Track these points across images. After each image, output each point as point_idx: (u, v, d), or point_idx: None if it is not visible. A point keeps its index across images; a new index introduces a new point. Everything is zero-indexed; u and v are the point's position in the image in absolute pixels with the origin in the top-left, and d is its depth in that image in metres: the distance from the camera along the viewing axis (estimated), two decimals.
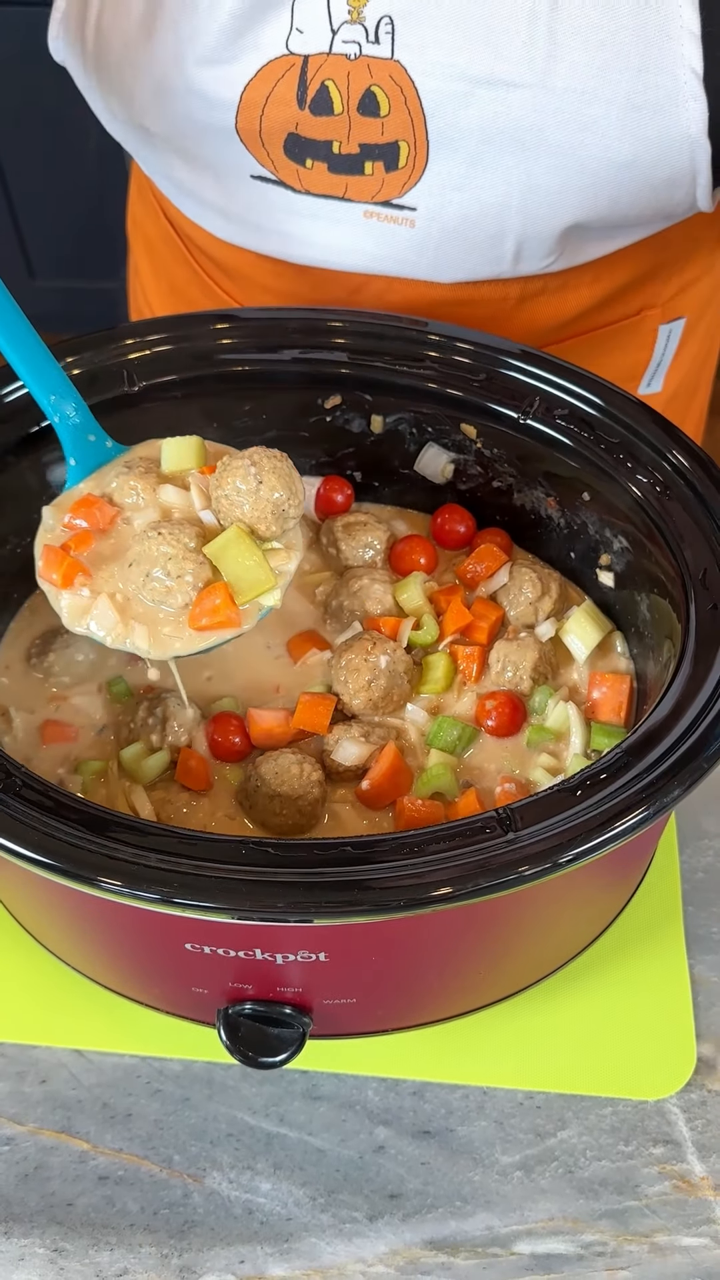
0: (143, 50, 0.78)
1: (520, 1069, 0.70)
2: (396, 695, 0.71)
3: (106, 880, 0.53)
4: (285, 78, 0.76)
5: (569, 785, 0.55)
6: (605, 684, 0.70)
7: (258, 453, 0.67)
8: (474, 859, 0.52)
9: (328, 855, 0.54)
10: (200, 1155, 0.68)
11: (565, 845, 0.52)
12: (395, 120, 0.76)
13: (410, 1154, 0.68)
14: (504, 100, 0.73)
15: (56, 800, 0.57)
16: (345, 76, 0.75)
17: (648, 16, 0.69)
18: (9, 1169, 0.68)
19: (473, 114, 0.74)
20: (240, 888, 0.52)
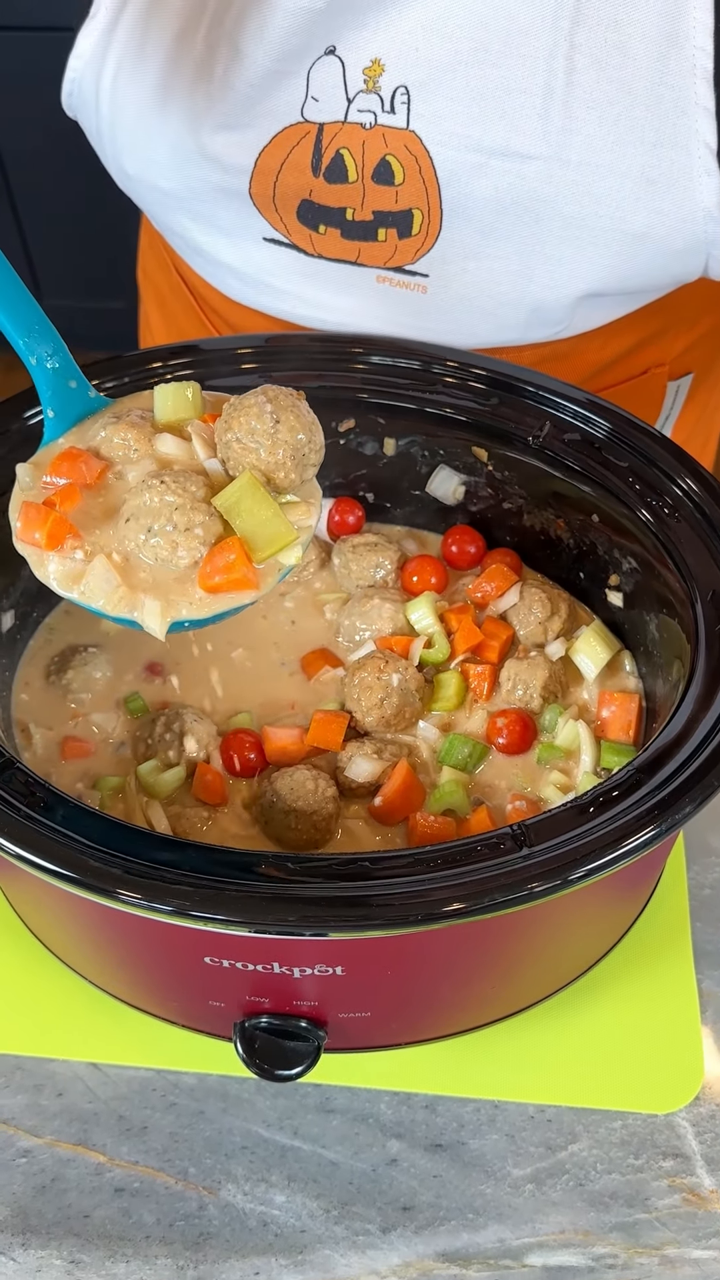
0: (157, 115, 0.79)
1: (531, 1083, 0.71)
2: (409, 713, 0.73)
3: (126, 893, 0.54)
4: (300, 145, 0.77)
5: (581, 802, 0.56)
6: (614, 703, 0.71)
7: (272, 389, 0.59)
8: (489, 874, 0.54)
9: (346, 870, 0.55)
10: (215, 1168, 0.69)
11: (578, 861, 0.53)
12: (410, 189, 0.77)
13: (423, 1167, 0.69)
14: (518, 171, 0.74)
15: (78, 814, 0.58)
16: (360, 145, 0.76)
17: (663, 93, 0.70)
18: (26, 1181, 0.69)
19: (487, 184, 0.75)
20: (260, 901, 0.53)
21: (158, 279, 1.05)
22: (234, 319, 0.95)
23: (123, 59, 0.78)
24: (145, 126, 0.80)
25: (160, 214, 0.89)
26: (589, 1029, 0.72)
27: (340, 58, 0.75)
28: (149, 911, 0.54)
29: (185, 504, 0.57)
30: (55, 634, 0.80)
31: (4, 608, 0.76)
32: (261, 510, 0.57)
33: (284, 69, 0.75)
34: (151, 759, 0.72)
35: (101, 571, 0.57)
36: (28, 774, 0.60)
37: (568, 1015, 0.72)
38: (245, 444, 0.58)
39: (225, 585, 0.58)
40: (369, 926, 0.53)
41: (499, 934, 0.60)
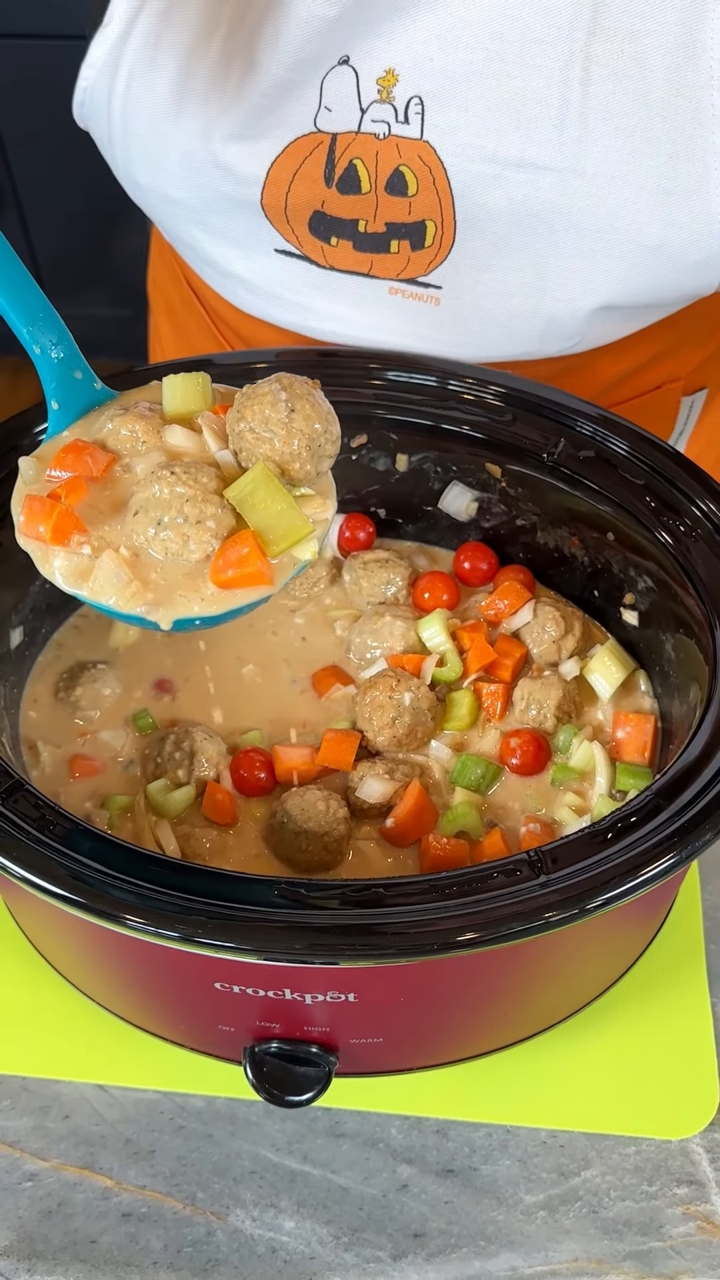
0: (170, 124, 0.78)
1: (543, 1108, 0.70)
2: (420, 732, 0.72)
3: (133, 919, 0.53)
4: (313, 155, 0.77)
5: (599, 829, 0.56)
6: (629, 724, 0.70)
7: (287, 377, 0.57)
8: (506, 903, 0.53)
9: (360, 897, 0.54)
10: (223, 1192, 0.68)
11: (596, 890, 0.53)
12: (423, 200, 0.76)
13: (434, 1193, 0.68)
14: (533, 183, 0.73)
15: (87, 837, 0.57)
16: (374, 155, 0.76)
17: (679, 104, 0.69)
18: (32, 1205, 0.68)
19: (501, 195, 0.74)
20: (272, 929, 0.53)
21: (168, 290, 1.05)
22: (245, 331, 0.94)
23: (135, 67, 0.77)
24: (157, 135, 0.80)
25: (171, 225, 0.88)
26: (602, 1053, 0.71)
27: (354, 67, 0.74)
28: (157, 939, 0.53)
29: (196, 495, 0.55)
30: (64, 650, 0.79)
31: (13, 624, 0.75)
32: (275, 502, 0.55)
33: (297, 79, 0.74)
34: (161, 778, 0.71)
35: (110, 567, 0.55)
36: (36, 795, 0.59)
37: (581, 1039, 0.71)
38: (259, 433, 0.56)
39: (238, 580, 0.55)
40: (383, 956, 0.52)
41: (514, 960, 0.59)
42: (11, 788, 0.59)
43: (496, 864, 0.55)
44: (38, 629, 0.78)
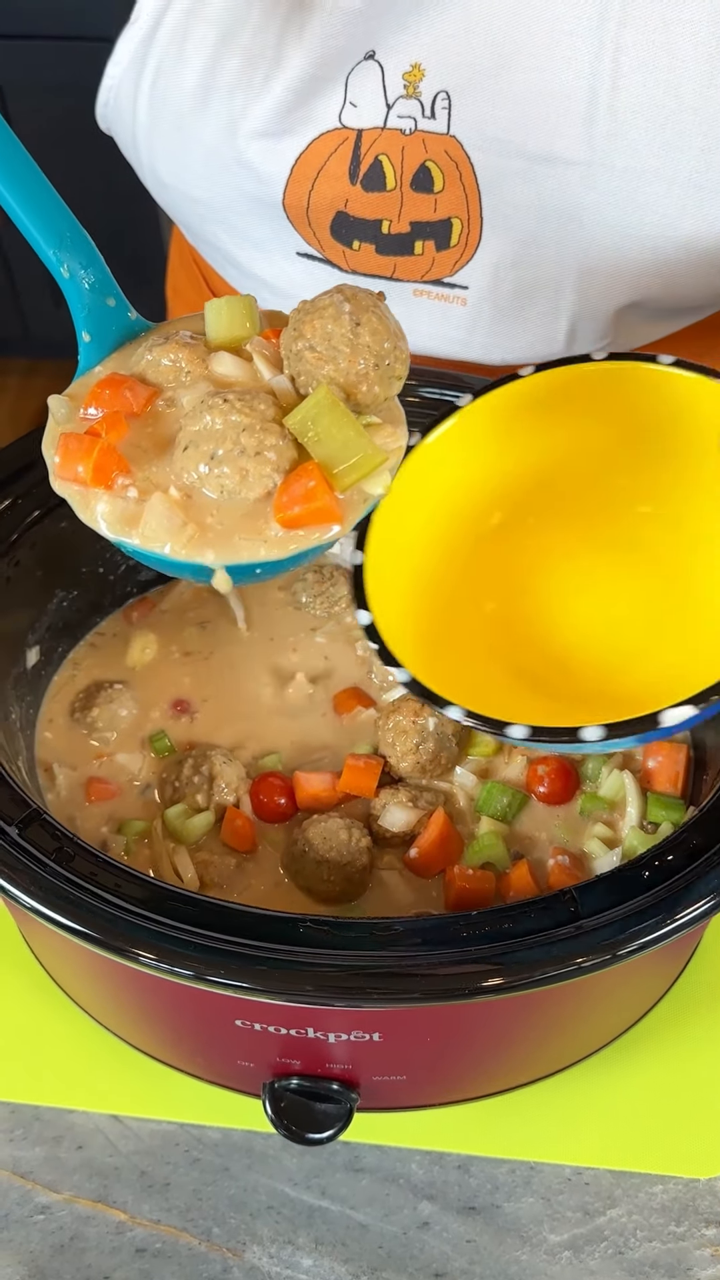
0: (195, 119, 0.77)
1: (568, 1143, 0.68)
2: (445, 759, 0.70)
3: (147, 955, 0.52)
4: (338, 152, 0.75)
5: (635, 867, 0.54)
6: (661, 752, 0.68)
7: (349, 288, 0.52)
8: (539, 945, 0.51)
9: (389, 938, 0.52)
10: (240, 1228, 0.67)
11: (634, 935, 0.51)
12: (449, 196, 0.75)
13: (455, 1231, 0.67)
14: (561, 178, 0.72)
15: (104, 869, 0.56)
16: (400, 151, 0.74)
17: (712, 95, 0.68)
18: (44, 1239, 0.67)
19: (529, 191, 0.73)
20: (296, 970, 0.51)
21: (189, 294, 1.04)
22: None
23: (163, 62, 0.76)
24: (182, 131, 0.78)
25: (195, 225, 0.87)
26: (628, 1088, 0.70)
27: (379, 62, 0.73)
28: (176, 978, 0.52)
29: (254, 424, 0.48)
30: (80, 669, 0.78)
31: (29, 644, 0.74)
32: (342, 429, 0.49)
33: (322, 74, 0.73)
34: (179, 803, 0.69)
35: (161, 509, 0.49)
36: (54, 825, 0.58)
37: (607, 1073, 0.70)
38: (320, 352, 0.50)
39: (305, 517, 0.49)
40: (411, 1000, 0.50)
41: (544, 1000, 0.57)
42: (29, 817, 0.58)
43: (529, 903, 0.53)
44: (54, 648, 0.77)
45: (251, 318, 0.55)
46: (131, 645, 0.78)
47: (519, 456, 0.65)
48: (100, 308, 0.56)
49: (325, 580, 0.80)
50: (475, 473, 0.65)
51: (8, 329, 2.30)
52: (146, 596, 0.81)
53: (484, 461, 0.65)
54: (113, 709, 0.74)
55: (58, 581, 0.75)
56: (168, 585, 0.81)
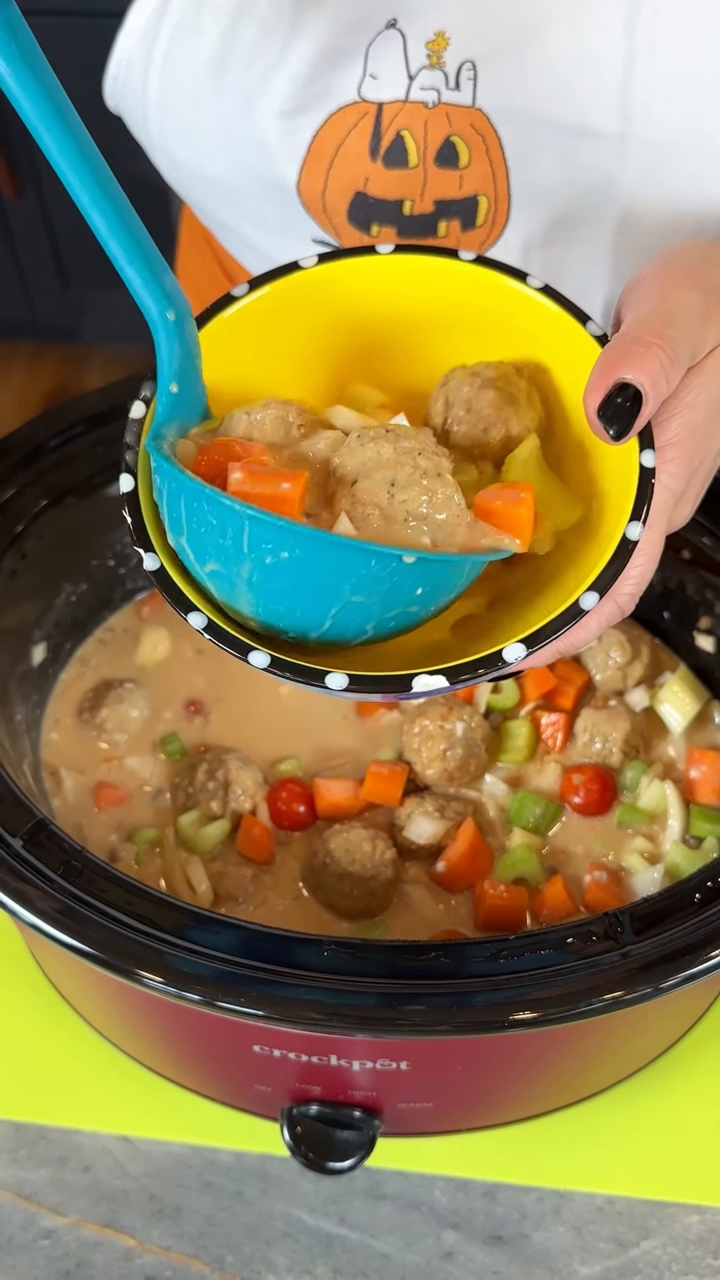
0: (210, 93, 0.74)
1: (600, 1171, 0.65)
2: (474, 766, 0.67)
3: (155, 979, 0.49)
4: (357, 128, 0.71)
5: (684, 890, 0.50)
6: (704, 762, 0.65)
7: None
8: (580, 975, 0.48)
9: (419, 964, 0.49)
10: (254, 1256, 0.64)
11: (681, 965, 0.47)
12: (475, 172, 0.71)
13: (481, 1262, 0.63)
14: (593, 151, 0.68)
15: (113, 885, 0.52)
16: (422, 125, 0.70)
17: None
18: (49, 1266, 0.64)
19: (560, 165, 0.69)
20: (318, 998, 0.48)
21: (198, 278, 1.00)
22: None
23: (177, 33, 0.73)
24: (197, 106, 0.75)
25: (209, 206, 0.83)
26: (664, 1113, 0.66)
27: (401, 31, 0.69)
28: (190, 1004, 0.48)
29: (426, 447, 0.46)
30: (88, 667, 0.74)
31: (35, 640, 0.70)
32: (546, 479, 0.49)
33: (341, 45, 0.69)
34: (193, 810, 0.66)
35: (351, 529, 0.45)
36: (60, 837, 0.54)
37: (641, 1098, 0.66)
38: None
39: (501, 512, 0.46)
40: (441, 1032, 0.47)
41: (581, 1029, 0.53)
42: (34, 828, 0.54)
43: (569, 927, 0.50)
44: (62, 645, 0.73)
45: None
46: (142, 642, 0.75)
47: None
48: (189, 366, 0.51)
49: None
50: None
51: (14, 312, 2.27)
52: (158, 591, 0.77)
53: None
54: (123, 709, 0.71)
55: (65, 575, 0.71)
56: None
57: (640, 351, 0.44)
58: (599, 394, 0.44)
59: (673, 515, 0.48)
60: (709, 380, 0.48)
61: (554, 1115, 0.64)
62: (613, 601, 0.46)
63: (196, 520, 0.44)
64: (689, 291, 0.48)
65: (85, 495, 0.69)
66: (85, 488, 0.69)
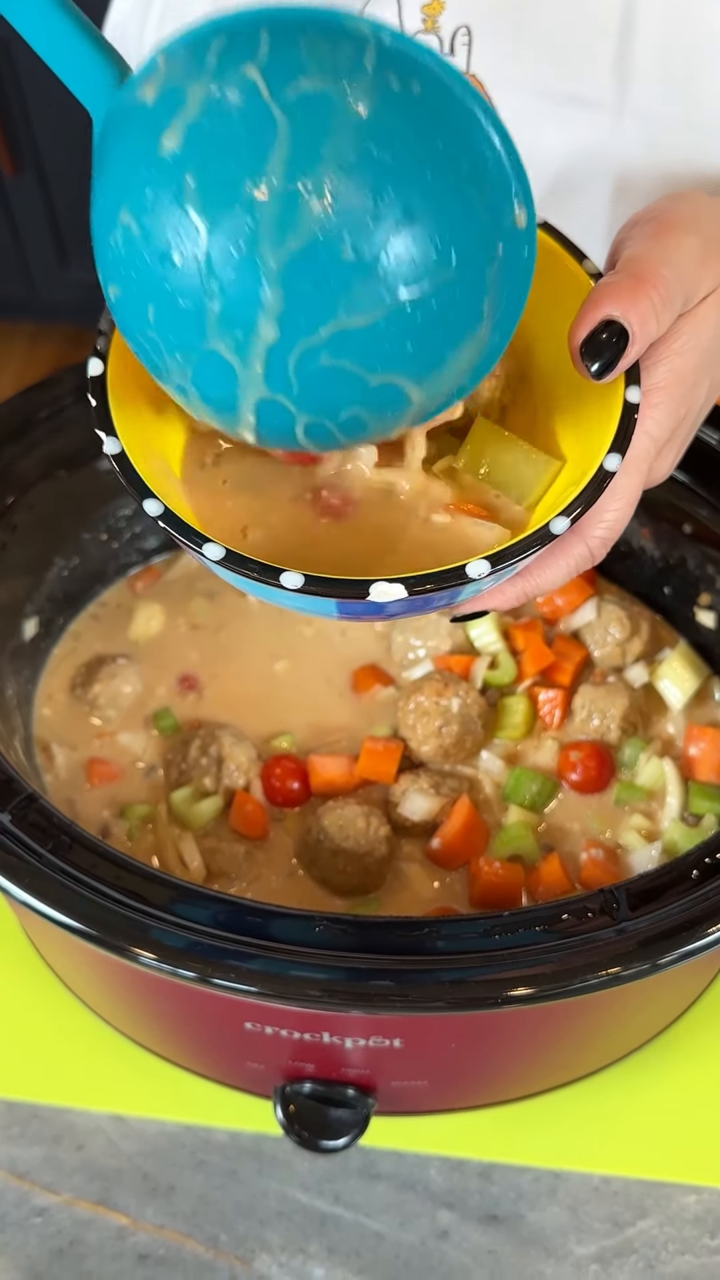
0: None
1: (596, 1151, 0.65)
2: (470, 742, 0.66)
3: (147, 955, 0.48)
4: None
5: (682, 866, 0.50)
6: (704, 739, 0.64)
7: None
8: (575, 952, 0.47)
9: (410, 939, 0.48)
10: (248, 1235, 0.63)
11: (679, 941, 0.47)
12: None
13: (476, 1241, 0.63)
14: (591, 122, 0.66)
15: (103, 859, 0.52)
16: None
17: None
18: (42, 1244, 0.63)
19: (554, 137, 0.68)
20: (314, 976, 0.47)
21: None
22: None
23: None
24: None
25: None
26: (661, 1093, 0.66)
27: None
28: (181, 980, 0.48)
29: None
30: (81, 642, 0.73)
31: (27, 614, 0.70)
32: (511, 451, 0.45)
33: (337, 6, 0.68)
34: (186, 786, 0.65)
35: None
36: (50, 812, 0.53)
37: (638, 1078, 0.66)
38: None
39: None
40: (435, 1009, 0.46)
41: (579, 1006, 0.53)
42: (23, 803, 0.54)
43: (564, 903, 0.49)
44: (54, 619, 0.72)
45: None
46: (135, 617, 0.74)
47: None
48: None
49: None
50: None
51: (14, 291, 2.25)
52: (152, 565, 0.77)
53: None
54: (115, 685, 0.70)
55: (57, 549, 0.70)
56: (174, 554, 0.77)
57: (631, 289, 0.43)
58: (584, 329, 0.43)
59: (653, 466, 0.46)
60: (700, 327, 0.47)
61: (550, 1095, 0.63)
62: (583, 543, 0.45)
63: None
64: (686, 235, 0.47)
65: (76, 468, 0.68)
66: (76, 460, 0.68)
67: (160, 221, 0.34)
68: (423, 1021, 0.51)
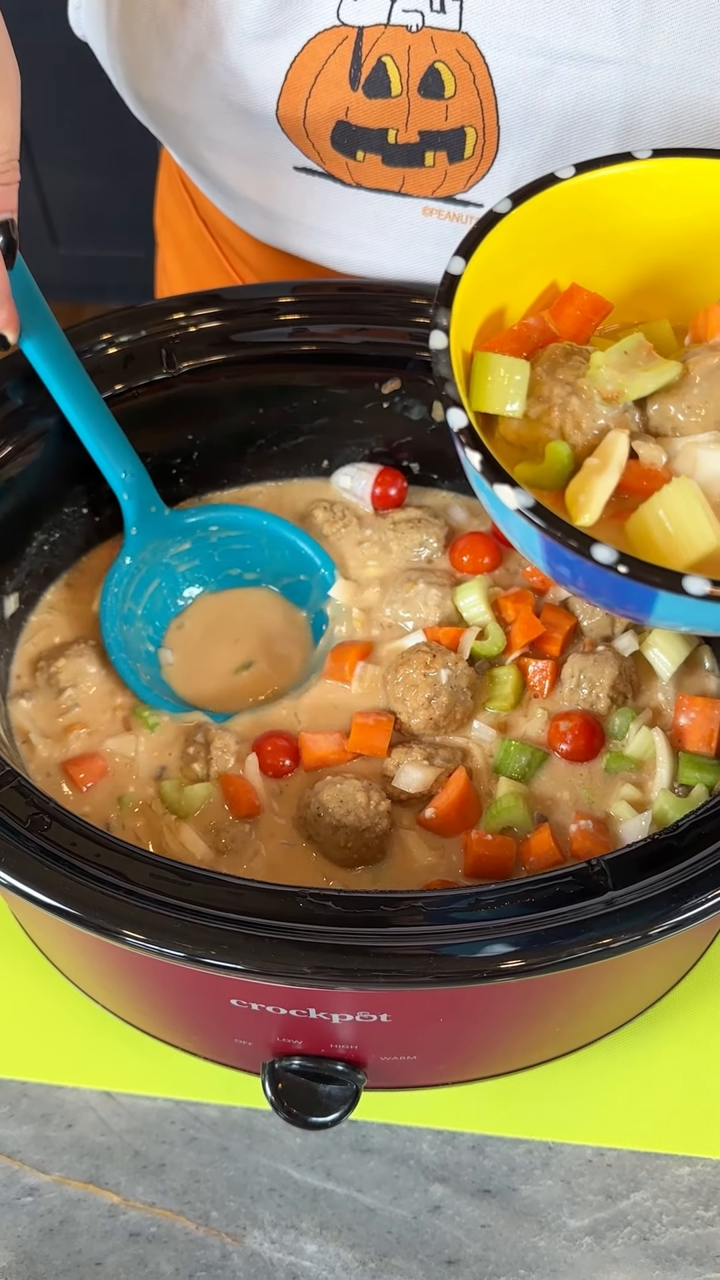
0: (175, 21, 0.69)
1: (589, 1123, 0.65)
2: (459, 713, 0.65)
3: (133, 935, 0.47)
4: (337, 54, 0.68)
5: (670, 835, 0.49)
6: (694, 709, 0.63)
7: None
8: (563, 924, 0.46)
9: (398, 914, 0.47)
10: (240, 1211, 0.63)
11: (667, 913, 0.46)
12: (461, 103, 0.67)
13: (469, 1215, 0.63)
14: (589, 79, 0.64)
15: (88, 837, 0.51)
16: (405, 51, 0.67)
17: None
18: (32, 1223, 0.63)
19: (552, 95, 0.65)
20: (292, 950, 0.46)
21: (177, 223, 0.96)
22: (261, 266, 0.86)
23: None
24: (161, 37, 0.71)
25: (178, 143, 0.80)
26: (653, 1065, 0.66)
27: None
28: (164, 959, 0.47)
29: None
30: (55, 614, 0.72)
31: (7, 590, 0.68)
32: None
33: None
34: (176, 776, 0.64)
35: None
36: (29, 790, 0.53)
37: (631, 1049, 0.66)
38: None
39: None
40: (421, 983, 0.46)
41: (568, 979, 0.52)
42: (1, 778, 0.53)
43: (552, 876, 0.48)
44: (36, 595, 0.71)
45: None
46: None
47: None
48: (145, 513, 0.71)
49: (337, 520, 0.74)
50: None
51: None
52: None
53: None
54: (81, 664, 0.68)
55: (37, 523, 0.69)
56: None
57: None
58: None
59: None
60: None
61: (543, 1067, 0.63)
62: None
63: None
64: None
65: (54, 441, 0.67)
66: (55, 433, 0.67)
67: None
68: (410, 996, 0.50)
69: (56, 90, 1.92)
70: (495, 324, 0.55)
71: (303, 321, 0.69)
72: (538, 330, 0.54)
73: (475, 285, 0.51)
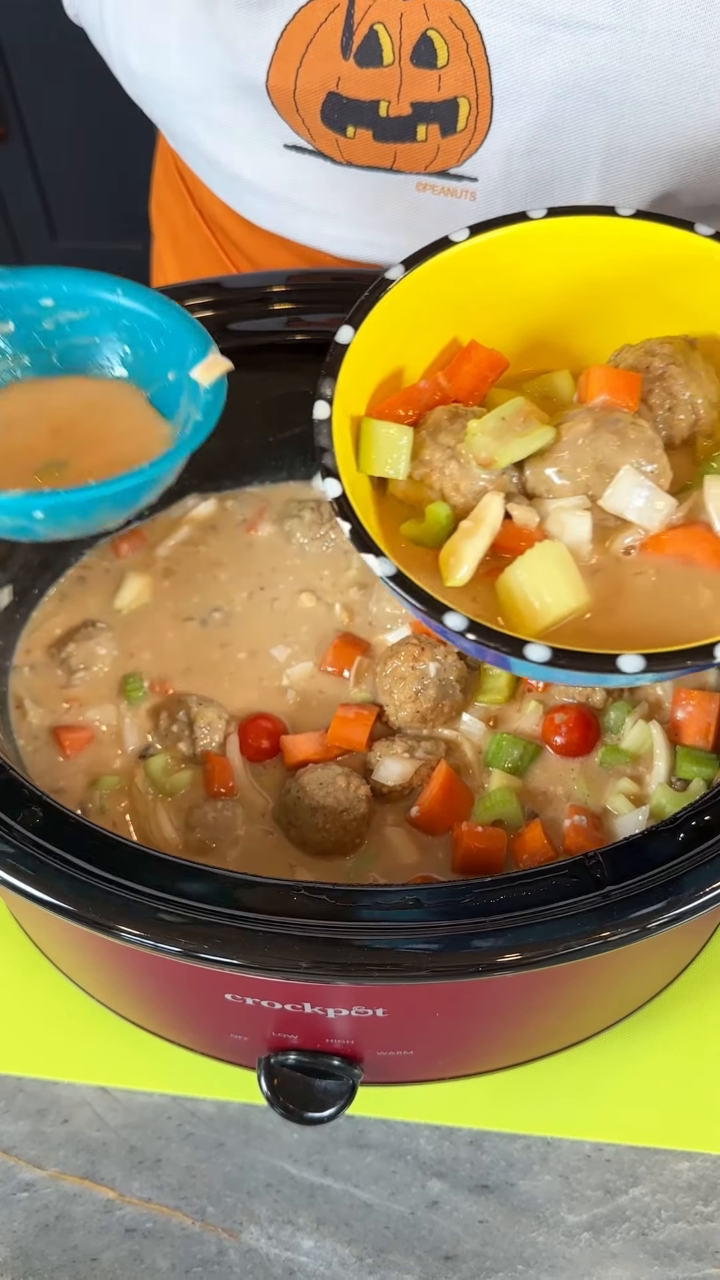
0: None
1: (587, 1118, 0.64)
2: (447, 707, 0.64)
3: (128, 930, 0.47)
4: (328, 22, 0.67)
5: (667, 828, 0.48)
6: (691, 702, 0.62)
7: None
8: (558, 919, 0.46)
9: (393, 908, 0.47)
10: (236, 1207, 0.63)
11: (665, 908, 0.46)
12: (454, 72, 0.67)
13: (466, 1210, 0.62)
14: (584, 46, 0.63)
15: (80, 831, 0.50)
16: (398, 19, 0.66)
17: None
18: (28, 1218, 0.63)
19: (546, 63, 0.65)
20: (288, 944, 0.46)
21: (173, 212, 0.96)
22: (255, 252, 0.85)
23: None
24: (155, 6, 0.70)
25: (171, 121, 0.79)
26: (652, 1060, 0.65)
27: None
28: (157, 953, 0.47)
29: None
30: (66, 603, 0.72)
31: (1, 582, 0.68)
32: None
33: None
34: (159, 755, 0.64)
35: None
36: (22, 782, 0.52)
37: (629, 1045, 0.65)
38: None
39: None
40: (417, 978, 0.45)
41: (565, 974, 0.52)
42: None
43: (548, 869, 0.48)
44: (30, 587, 0.71)
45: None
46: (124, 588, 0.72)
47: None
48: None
49: (324, 522, 0.74)
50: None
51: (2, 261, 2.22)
52: (136, 529, 0.75)
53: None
54: (90, 646, 0.68)
55: None
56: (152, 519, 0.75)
57: None
58: None
59: None
60: None
61: (540, 1062, 0.63)
62: None
63: None
64: None
65: None
66: None
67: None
68: (406, 991, 0.50)
69: (55, 85, 1.92)
70: (394, 384, 0.56)
71: (298, 311, 0.69)
72: (428, 392, 0.56)
73: (367, 350, 0.52)
